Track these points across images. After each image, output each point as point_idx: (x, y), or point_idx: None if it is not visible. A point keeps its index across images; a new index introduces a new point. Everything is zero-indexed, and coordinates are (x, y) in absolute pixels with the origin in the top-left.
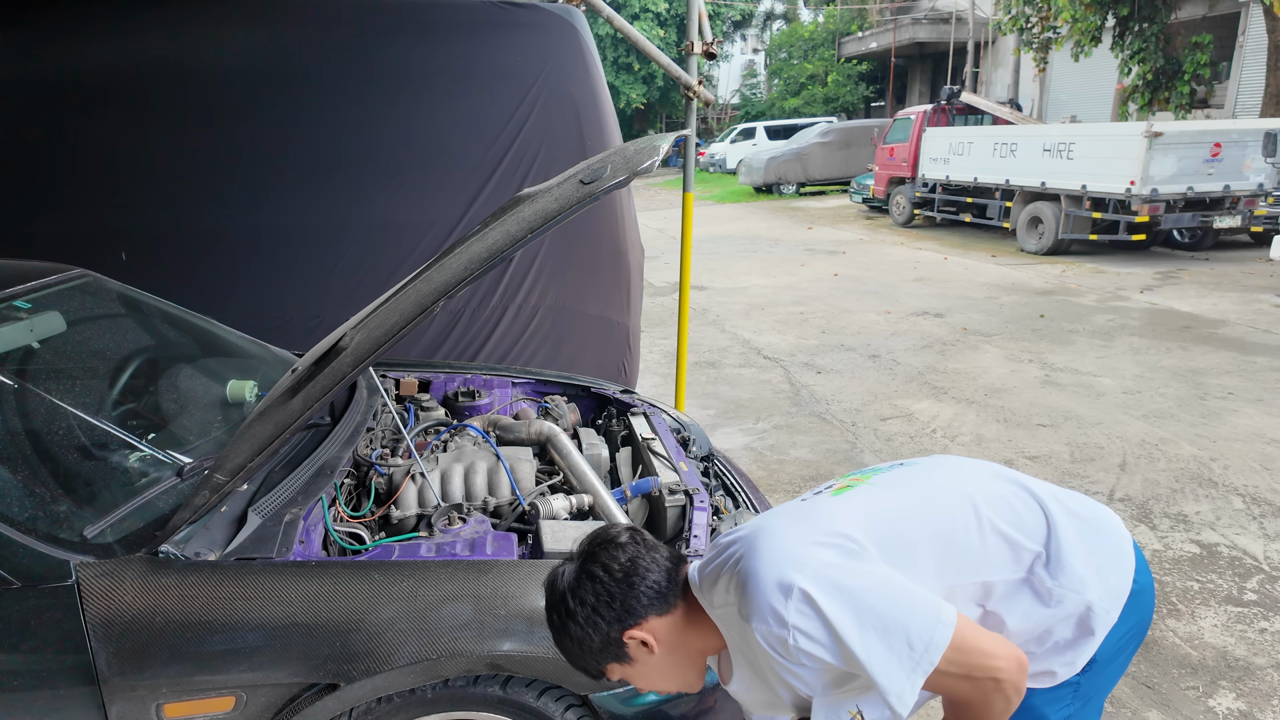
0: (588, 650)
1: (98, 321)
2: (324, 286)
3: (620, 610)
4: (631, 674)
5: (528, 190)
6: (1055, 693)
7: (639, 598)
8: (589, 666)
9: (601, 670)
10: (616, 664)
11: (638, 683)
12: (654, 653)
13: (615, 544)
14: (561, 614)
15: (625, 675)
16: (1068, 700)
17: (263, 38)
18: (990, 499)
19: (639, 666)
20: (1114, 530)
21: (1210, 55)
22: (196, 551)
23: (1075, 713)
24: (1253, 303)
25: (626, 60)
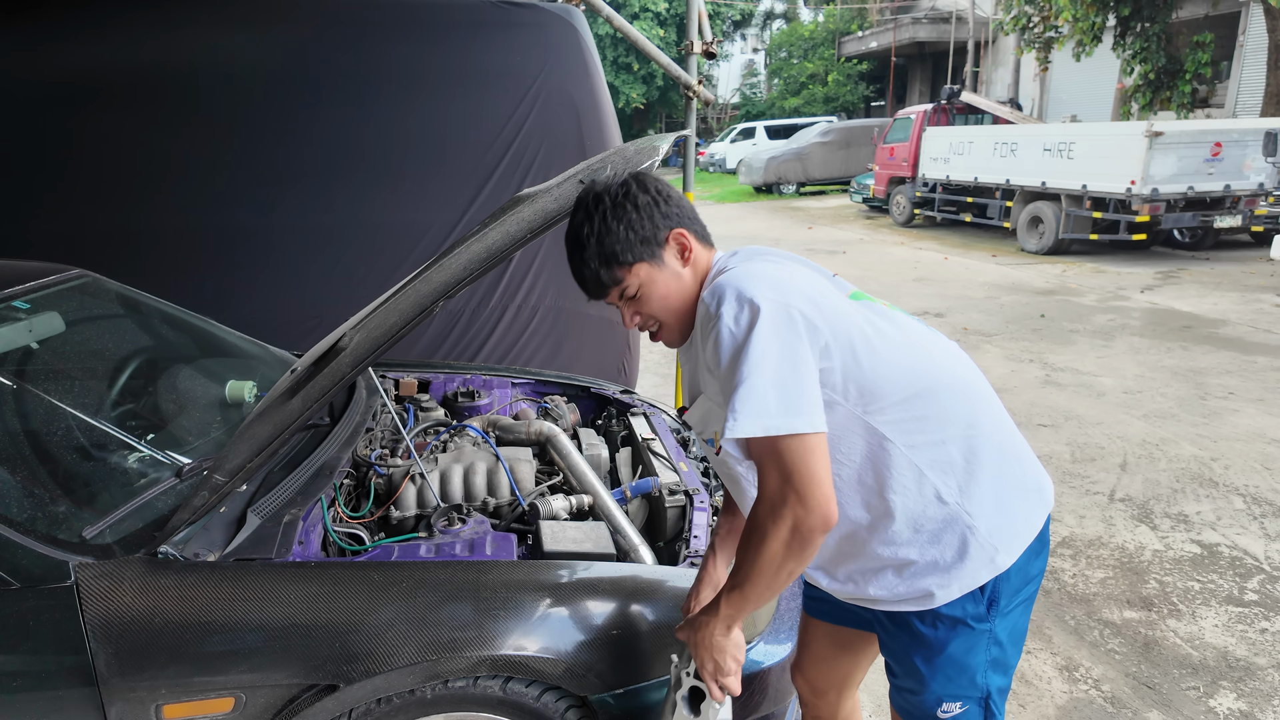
0: (632, 236)
1: (97, 322)
2: (324, 286)
3: (678, 210)
4: (647, 284)
5: (527, 190)
6: (971, 639)
7: (692, 212)
8: (619, 257)
9: (621, 273)
10: (644, 264)
11: (644, 299)
12: (684, 265)
13: None
14: (619, 197)
15: (639, 286)
16: (985, 646)
17: (263, 38)
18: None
19: (658, 277)
20: (1037, 488)
21: (1211, 55)
22: (196, 552)
23: (996, 658)
24: (1253, 302)
25: (626, 60)
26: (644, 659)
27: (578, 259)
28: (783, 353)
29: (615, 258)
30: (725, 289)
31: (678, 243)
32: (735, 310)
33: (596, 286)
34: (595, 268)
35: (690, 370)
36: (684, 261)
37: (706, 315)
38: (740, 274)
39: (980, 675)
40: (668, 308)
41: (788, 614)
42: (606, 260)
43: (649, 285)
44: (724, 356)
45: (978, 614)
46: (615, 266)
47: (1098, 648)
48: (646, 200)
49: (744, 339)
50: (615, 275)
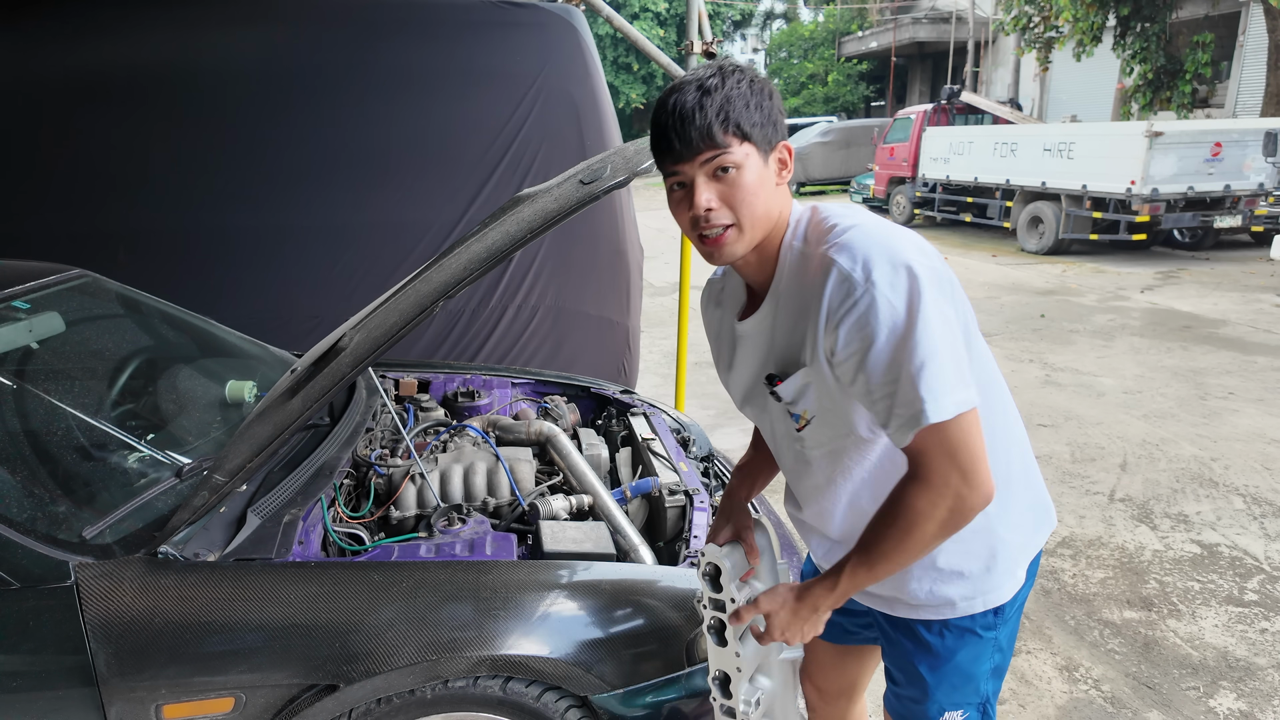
0: (759, 117)
1: (97, 322)
2: (323, 286)
3: (786, 132)
4: (746, 170)
5: (527, 190)
6: (978, 648)
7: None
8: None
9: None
10: (754, 148)
11: (735, 183)
12: (784, 169)
13: None
14: (758, 80)
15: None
16: (989, 654)
17: (263, 38)
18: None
19: (759, 171)
20: (1046, 504)
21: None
22: (195, 552)
23: (998, 665)
24: (1253, 302)
25: (626, 60)
26: (644, 658)
27: (691, 103)
28: (950, 323)
29: (736, 123)
30: (870, 251)
31: (783, 154)
32: (890, 276)
33: (697, 137)
34: (710, 119)
35: (770, 340)
36: (780, 177)
37: (839, 280)
38: (877, 234)
39: (983, 683)
40: (751, 207)
41: None
42: (725, 120)
43: (747, 172)
44: (881, 331)
45: (987, 623)
46: (729, 131)
47: (1098, 648)
48: (779, 103)
49: (911, 312)
50: (726, 139)
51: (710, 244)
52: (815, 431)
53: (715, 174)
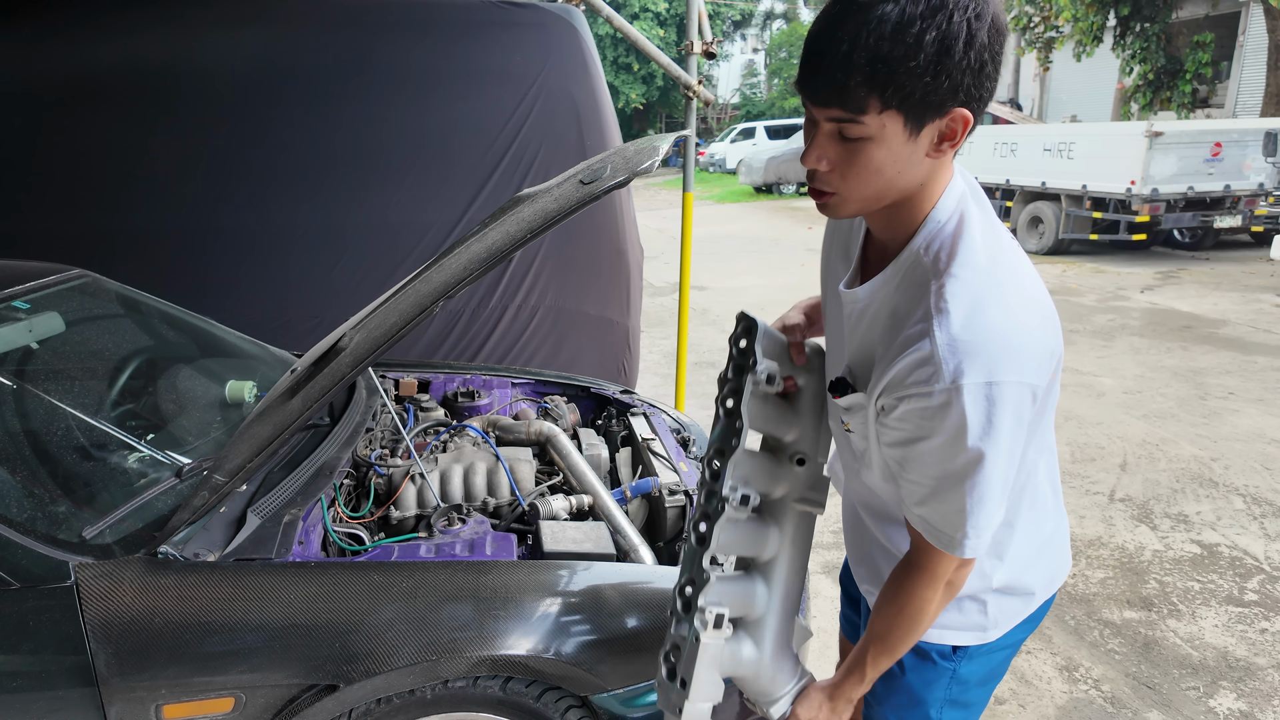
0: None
1: (97, 322)
2: (323, 286)
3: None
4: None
5: (527, 190)
6: (931, 674)
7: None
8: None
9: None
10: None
11: (855, 152)
12: (932, 154)
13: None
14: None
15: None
16: (945, 684)
17: (263, 38)
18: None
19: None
20: (1064, 547)
21: (1211, 55)
22: (195, 552)
23: (956, 697)
24: (1253, 302)
25: (626, 60)
26: (644, 659)
27: (840, 39)
28: (1014, 456)
29: (886, 85)
30: (974, 349)
31: (952, 127)
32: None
33: (829, 90)
34: (852, 73)
35: (853, 330)
36: (937, 151)
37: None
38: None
39: (934, 710)
40: (866, 186)
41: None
42: (872, 78)
43: (877, 147)
44: (942, 436)
45: (944, 653)
46: (874, 92)
47: (1098, 648)
48: (984, 46)
49: (982, 441)
50: (864, 102)
51: (814, 196)
52: (859, 443)
53: (839, 133)
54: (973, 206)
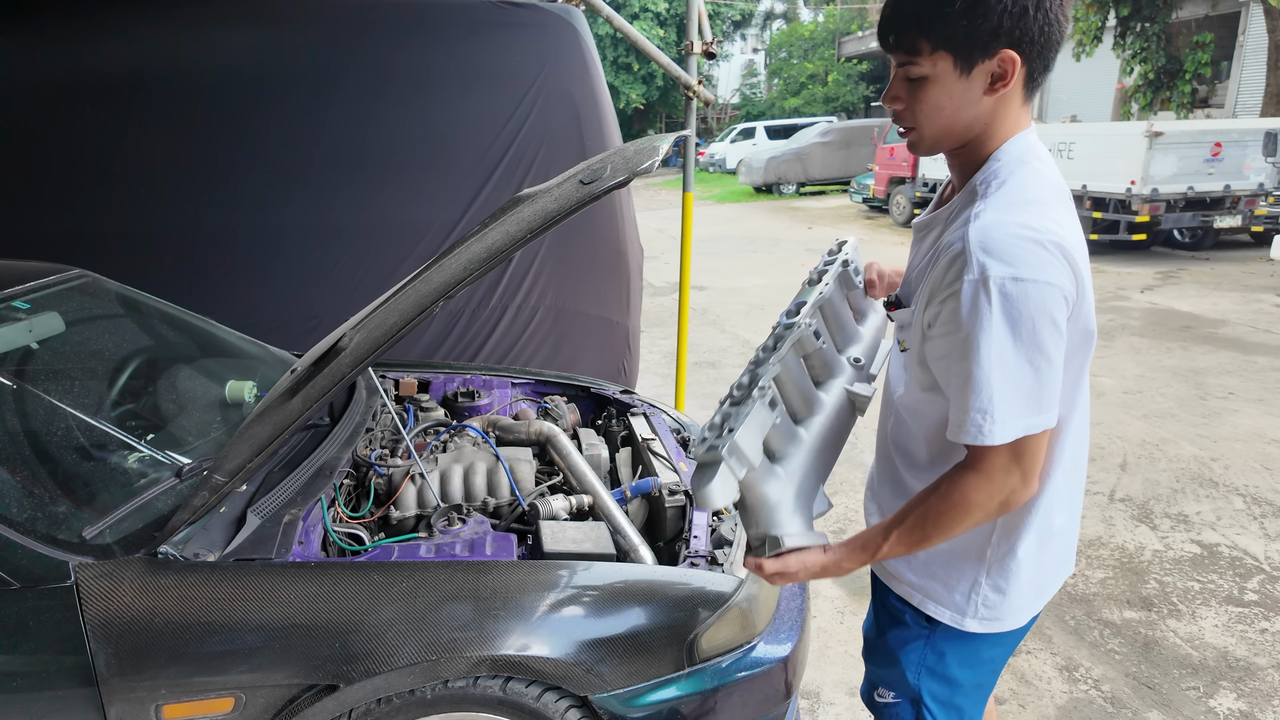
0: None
1: (96, 322)
2: (323, 286)
3: (1041, 35)
4: (934, 82)
5: (527, 190)
6: (905, 636)
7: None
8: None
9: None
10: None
11: (919, 93)
12: (989, 92)
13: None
14: None
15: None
16: (920, 649)
17: (263, 38)
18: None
19: (950, 85)
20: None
21: (1211, 55)
22: (195, 552)
23: (934, 668)
24: (1253, 302)
25: (626, 60)
26: (644, 658)
27: (895, 2)
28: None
29: (933, 30)
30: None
31: (1001, 67)
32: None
33: (893, 38)
34: (906, 22)
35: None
36: (992, 90)
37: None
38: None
39: (911, 674)
40: (930, 121)
41: (787, 614)
42: (921, 25)
43: (934, 85)
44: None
45: (919, 621)
46: (925, 37)
47: (1098, 648)
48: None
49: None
50: (918, 45)
51: (902, 136)
52: (912, 360)
53: (906, 76)
54: (1037, 161)
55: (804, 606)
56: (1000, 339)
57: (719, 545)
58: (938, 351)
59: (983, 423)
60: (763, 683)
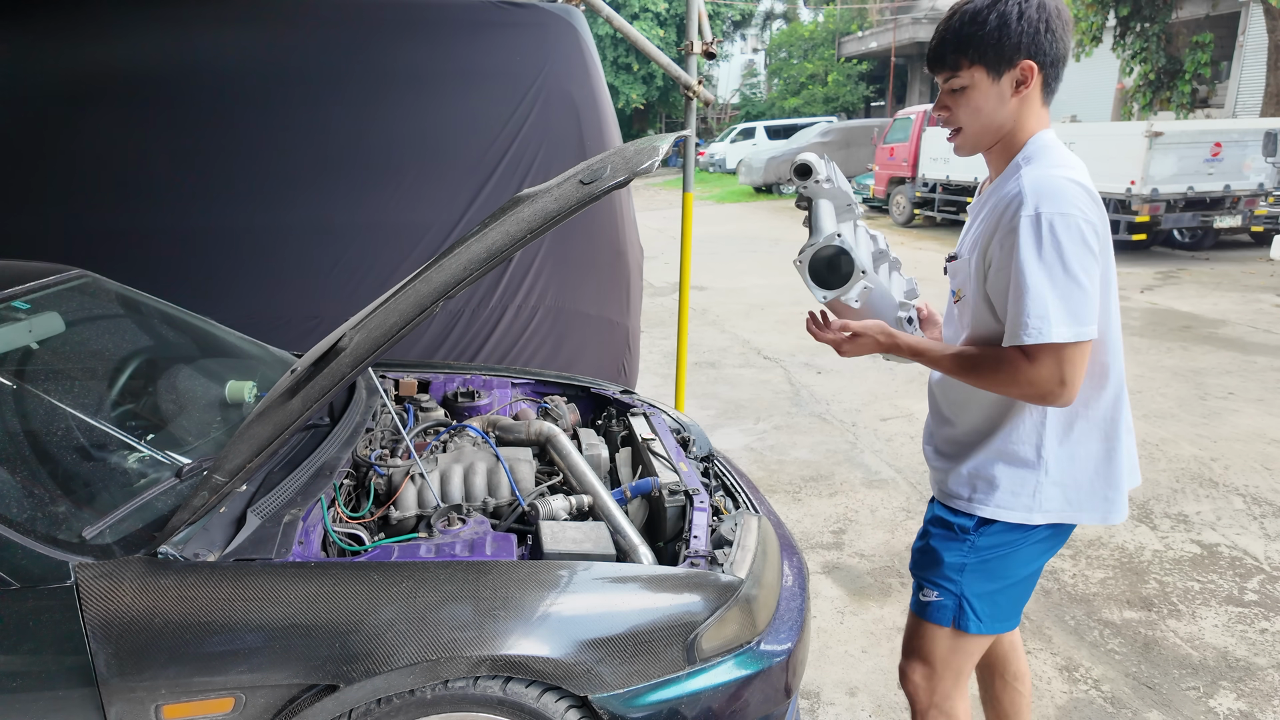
0: (990, 40)
1: (96, 322)
2: (323, 286)
3: (1051, 47)
4: (971, 89)
5: (527, 190)
6: (949, 538)
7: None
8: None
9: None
10: (981, 71)
11: (961, 100)
12: (1014, 94)
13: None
14: (1021, 4)
15: (964, 86)
16: (963, 551)
17: (263, 38)
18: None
19: (985, 90)
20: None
21: (1211, 55)
22: (195, 552)
23: (970, 566)
24: (1253, 302)
25: (626, 60)
26: (644, 658)
27: (944, 27)
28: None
29: (968, 50)
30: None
31: (1021, 73)
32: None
33: (937, 60)
34: (948, 46)
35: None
36: (1016, 92)
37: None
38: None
39: (955, 574)
40: (973, 120)
41: (787, 614)
42: (959, 47)
43: (974, 92)
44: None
45: (963, 525)
46: (961, 55)
47: (1098, 648)
48: (1033, 19)
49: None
50: (957, 61)
51: (951, 139)
52: (964, 307)
53: (951, 89)
54: (1062, 146)
55: (804, 606)
56: (1052, 261)
57: (719, 545)
58: (1001, 283)
59: (1041, 325)
60: (763, 683)
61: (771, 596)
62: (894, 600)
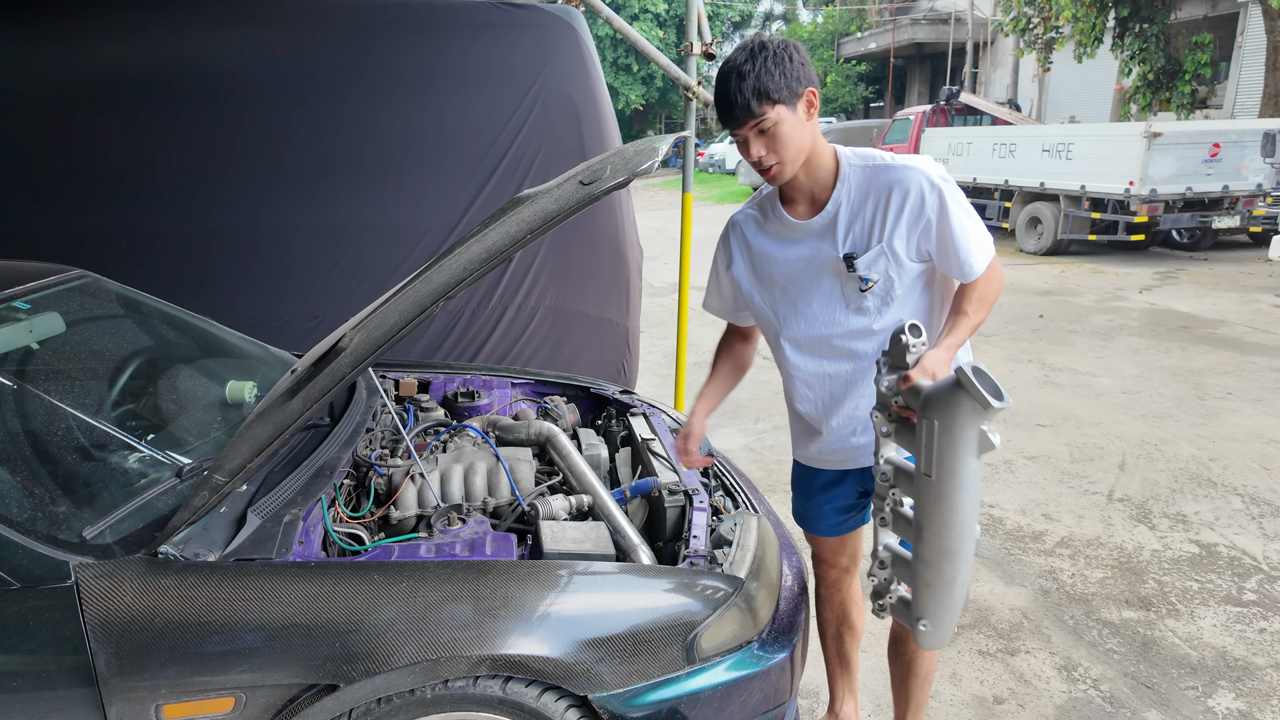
0: (782, 81)
1: (97, 322)
2: (324, 286)
3: (810, 79)
4: (780, 124)
5: (527, 191)
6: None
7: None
8: (769, 94)
9: (764, 108)
10: (784, 106)
11: (773, 135)
12: (808, 119)
13: None
14: (779, 49)
15: (774, 124)
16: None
17: (263, 38)
18: None
19: (790, 121)
20: None
21: (1210, 55)
22: (196, 552)
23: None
24: (1251, 303)
25: (626, 61)
26: (644, 658)
27: (734, 87)
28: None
29: (766, 94)
30: (925, 172)
31: (808, 99)
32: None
33: (742, 114)
34: (747, 98)
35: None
36: (809, 116)
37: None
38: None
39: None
40: (787, 148)
41: (786, 614)
42: (758, 95)
43: (781, 125)
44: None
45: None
46: (763, 101)
47: (1096, 647)
48: (799, 60)
49: (958, 199)
50: (760, 108)
51: (767, 176)
52: (879, 288)
53: (759, 132)
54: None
55: (804, 606)
56: (967, 205)
57: (718, 545)
58: (930, 244)
59: (988, 245)
60: (763, 683)
61: (771, 596)
62: None
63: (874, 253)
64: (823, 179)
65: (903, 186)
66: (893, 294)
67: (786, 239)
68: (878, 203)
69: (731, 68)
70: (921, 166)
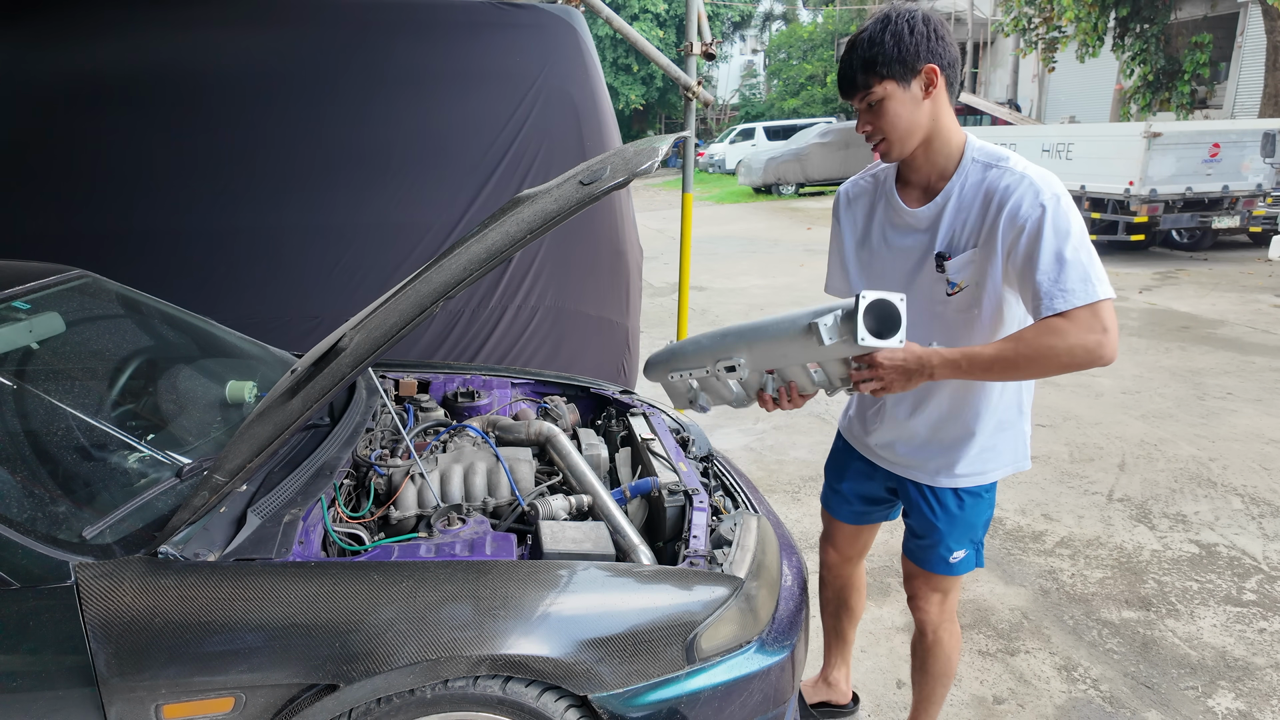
0: (893, 55)
1: (97, 322)
2: (324, 286)
3: (944, 52)
4: (886, 100)
5: (527, 191)
6: (980, 506)
7: (956, 62)
8: (875, 68)
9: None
10: (892, 82)
11: (879, 112)
12: (925, 97)
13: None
14: (901, 20)
15: (880, 99)
16: (986, 510)
17: (263, 38)
18: None
19: (899, 98)
20: None
21: (1210, 55)
22: (196, 552)
23: (988, 520)
24: (1251, 303)
25: (626, 61)
26: (644, 658)
27: (847, 57)
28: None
29: (875, 68)
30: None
31: (927, 77)
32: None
33: (849, 86)
34: (854, 70)
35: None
36: (926, 94)
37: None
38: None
39: (980, 530)
40: (894, 127)
41: (786, 614)
42: (867, 68)
43: (889, 101)
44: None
45: (990, 489)
46: (870, 74)
47: (1096, 647)
48: (921, 33)
49: (1070, 220)
50: (868, 81)
51: (875, 150)
52: (963, 297)
53: (868, 106)
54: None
55: (803, 606)
56: (1079, 233)
57: (718, 545)
58: (1016, 265)
59: (1084, 287)
60: (763, 683)
61: (771, 596)
62: (892, 600)
63: (967, 256)
64: (942, 166)
65: (1011, 194)
66: (978, 307)
67: (895, 226)
68: (986, 205)
69: (854, 37)
70: (1038, 179)
